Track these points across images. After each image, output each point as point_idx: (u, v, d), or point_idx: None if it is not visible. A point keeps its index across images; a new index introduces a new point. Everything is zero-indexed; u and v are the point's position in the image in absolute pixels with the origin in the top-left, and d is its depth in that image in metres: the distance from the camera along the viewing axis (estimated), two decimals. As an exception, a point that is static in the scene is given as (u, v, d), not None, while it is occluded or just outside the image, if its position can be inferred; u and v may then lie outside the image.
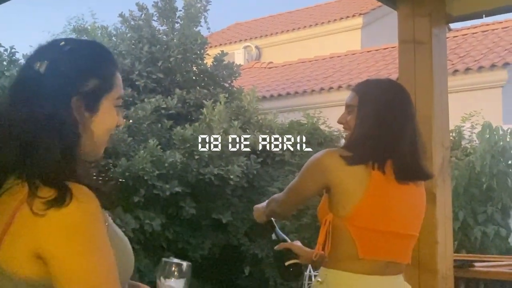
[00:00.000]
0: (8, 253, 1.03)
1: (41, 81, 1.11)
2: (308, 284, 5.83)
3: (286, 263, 2.01)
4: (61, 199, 1.00)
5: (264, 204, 2.22)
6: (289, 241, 2.14)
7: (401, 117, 1.90)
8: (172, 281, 1.37)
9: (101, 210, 1.05)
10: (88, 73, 1.16)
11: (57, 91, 1.11)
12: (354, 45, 13.46)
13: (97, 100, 1.16)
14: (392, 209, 1.85)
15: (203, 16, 8.17)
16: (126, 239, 1.22)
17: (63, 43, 1.18)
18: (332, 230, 1.85)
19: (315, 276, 1.89)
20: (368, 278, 1.82)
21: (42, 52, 1.17)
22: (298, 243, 2.14)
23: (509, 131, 7.12)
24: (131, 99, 7.30)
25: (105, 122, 1.18)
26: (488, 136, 7.07)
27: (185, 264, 1.38)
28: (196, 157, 6.73)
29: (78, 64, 1.15)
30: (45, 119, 1.08)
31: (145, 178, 6.40)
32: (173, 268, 1.37)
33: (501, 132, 7.12)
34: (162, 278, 1.38)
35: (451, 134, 7.60)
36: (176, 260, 1.39)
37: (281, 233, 2.17)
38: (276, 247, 2.07)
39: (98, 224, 1.03)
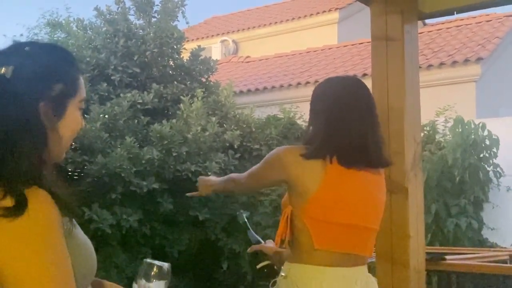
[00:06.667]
0: None
1: (8, 86, 1.10)
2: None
3: (258, 266, 2.05)
4: (15, 211, 1.00)
5: (214, 178, 2.35)
6: (262, 242, 2.18)
7: (350, 111, 1.94)
8: (153, 283, 1.38)
9: (56, 216, 1.05)
10: (53, 78, 1.17)
11: (24, 96, 1.11)
12: (330, 39, 13.53)
13: (64, 104, 1.18)
14: (348, 202, 1.89)
15: (180, 11, 8.13)
16: (88, 241, 1.23)
17: (27, 48, 1.18)
18: (292, 223, 1.91)
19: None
20: (328, 270, 1.86)
21: (6, 56, 1.16)
22: (270, 243, 2.18)
23: (480, 125, 7.25)
24: (106, 93, 7.24)
25: (71, 126, 1.21)
26: (460, 130, 7.20)
27: (166, 265, 1.39)
28: (174, 154, 6.71)
29: (44, 69, 1.16)
30: (15, 125, 1.08)
31: (122, 175, 6.36)
32: (154, 270, 1.38)
33: (472, 126, 7.25)
34: (142, 280, 1.38)
35: (425, 128, 7.71)
36: (157, 262, 1.39)
37: (254, 234, 2.21)
38: (248, 250, 2.13)
39: (50, 232, 1.03)
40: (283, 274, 1.93)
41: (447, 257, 3.73)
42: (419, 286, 2.68)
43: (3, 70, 1.12)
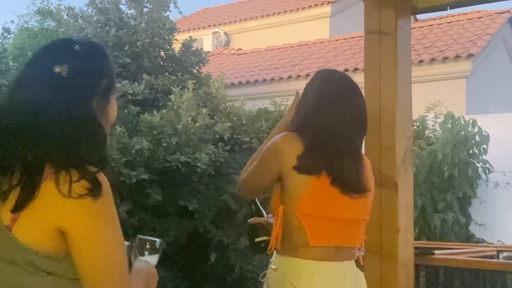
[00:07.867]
0: (28, 228, 1.16)
1: (65, 84, 1.24)
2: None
3: (256, 240, 2.04)
4: (93, 192, 1.16)
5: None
6: (265, 216, 2.15)
7: (331, 107, 1.91)
8: (146, 257, 1.51)
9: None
10: (101, 74, 1.32)
11: (81, 92, 1.25)
12: (322, 33, 13.51)
13: (109, 96, 1.33)
14: (341, 195, 1.88)
15: (172, 1, 8.08)
16: None
17: (77, 46, 1.30)
18: (284, 221, 1.89)
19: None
20: (320, 264, 1.86)
21: (59, 55, 1.28)
22: (271, 219, 2.15)
23: (470, 121, 7.28)
24: (96, 83, 7.18)
25: (112, 114, 1.36)
26: (450, 126, 7.23)
27: (158, 241, 1.54)
28: (164, 144, 6.68)
29: (94, 67, 1.31)
30: (80, 118, 1.22)
31: (112, 165, 6.31)
32: (148, 245, 1.52)
33: (462, 123, 7.29)
34: (136, 255, 1.51)
35: (415, 123, 7.74)
36: (150, 238, 1.53)
37: (260, 207, 2.18)
38: (250, 220, 2.10)
39: (115, 210, 1.22)
40: (273, 266, 1.93)
41: (435, 251, 3.75)
42: (407, 279, 2.69)
43: (59, 68, 1.24)
